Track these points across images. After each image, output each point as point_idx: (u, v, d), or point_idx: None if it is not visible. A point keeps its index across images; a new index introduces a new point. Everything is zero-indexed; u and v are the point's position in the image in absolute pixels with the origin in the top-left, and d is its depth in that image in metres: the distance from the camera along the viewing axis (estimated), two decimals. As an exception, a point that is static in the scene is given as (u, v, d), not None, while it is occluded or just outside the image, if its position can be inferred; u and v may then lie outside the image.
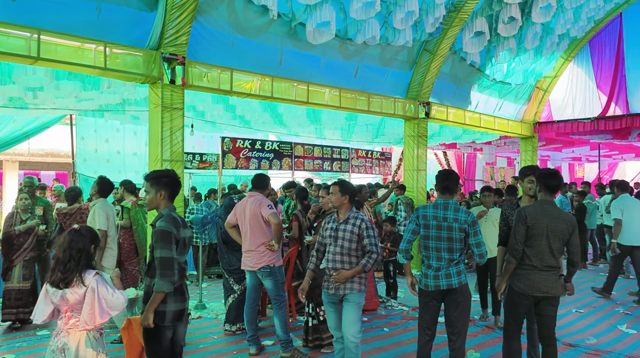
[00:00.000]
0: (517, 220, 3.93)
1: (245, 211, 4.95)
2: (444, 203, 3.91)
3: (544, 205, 3.94)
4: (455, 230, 3.84)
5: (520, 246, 3.89)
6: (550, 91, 12.77)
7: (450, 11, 8.73)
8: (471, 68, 10.42)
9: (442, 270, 3.85)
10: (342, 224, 4.03)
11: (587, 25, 10.97)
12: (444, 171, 4.14)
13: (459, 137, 13.78)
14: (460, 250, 3.91)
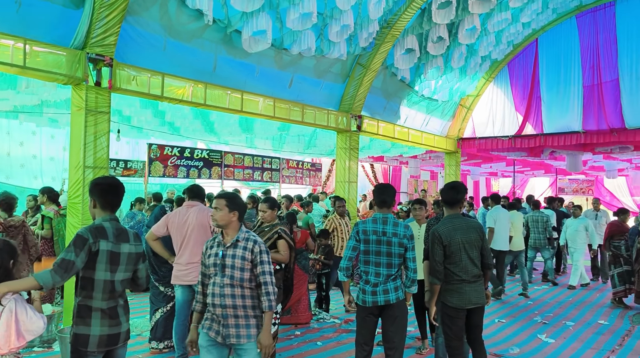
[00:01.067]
0: (432, 241, 3.97)
1: (187, 221, 4.68)
2: (383, 218, 3.90)
3: (452, 220, 4.03)
4: (395, 245, 3.82)
5: (440, 266, 3.94)
6: (473, 109, 13.41)
7: (383, 27, 8.94)
8: (401, 83, 10.72)
9: (380, 286, 3.82)
10: (231, 248, 3.17)
11: (506, 48, 11.64)
12: (381, 185, 4.15)
13: (388, 150, 14.12)
14: (399, 266, 3.89)
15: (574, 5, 11.01)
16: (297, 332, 6.24)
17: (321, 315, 6.98)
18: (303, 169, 15.59)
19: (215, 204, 3.21)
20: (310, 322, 6.68)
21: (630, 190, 22.04)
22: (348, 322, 6.71)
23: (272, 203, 4.69)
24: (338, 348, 5.70)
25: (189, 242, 4.65)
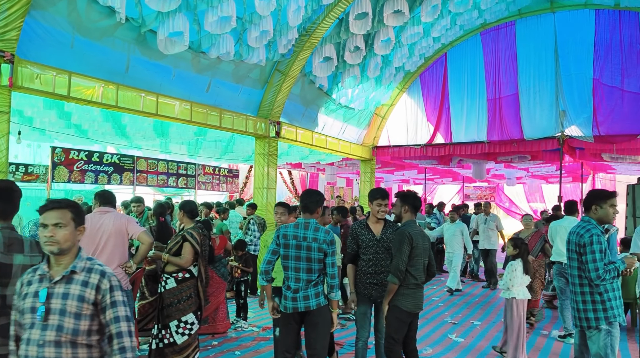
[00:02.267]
0: (402, 241, 4.01)
1: (102, 228, 4.40)
2: (305, 223, 3.89)
3: (416, 226, 4.19)
4: (314, 250, 3.81)
5: (404, 267, 4.00)
6: (387, 118, 13.87)
7: (302, 34, 9.02)
8: (319, 91, 10.86)
9: (301, 292, 3.81)
10: (61, 284, 2.22)
11: (419, 60, 12.18)
12: (306, 191, 4.19)
13: (306, 157, 14.22)
14: (319, 271, 3.88)
15: (479, 23, 11.73)
16: (215, 341, 6.08)
17: (239, 324, 6.85)
18: (220, 175, 15.30)
19: (57, 218, 2.23)
20: (228, 331, 6.54)
21: (527, 197, 23.77)
22: (266, 329, 6.64)
23: (184, 208, 4.72)
24: (257, 357, 5.62)
25: (104, 250, 4.39)
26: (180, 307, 4.61)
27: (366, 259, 4.52)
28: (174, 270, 4.68)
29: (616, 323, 3.74)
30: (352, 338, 4.74)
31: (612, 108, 11.08)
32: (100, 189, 5.41)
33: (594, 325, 3.73)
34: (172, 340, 4.60)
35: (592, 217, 3.86)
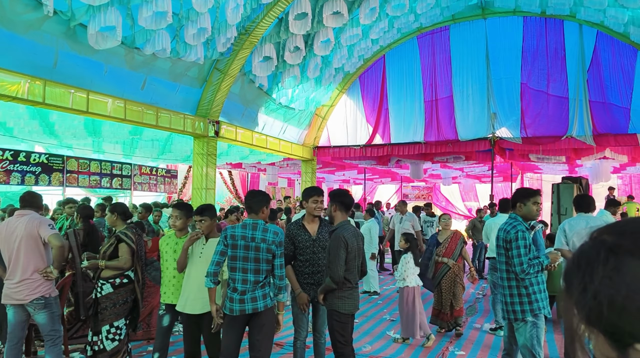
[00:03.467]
0: (338, 246, 3.96)
1: (15, 232, 4.14)
2: (253, 224, 3.85)
3: (350, 226, 4.14)
4: (263, 251, 3.78)
5: (342, 271, 3.97)
6: (328, 118, 13.98)
7: (241, 33, 8.93)
8: (259, 91, 10.80)
9: (248, 294, 3.76)
10: None
11: (358, 62, 12.36)
12: (250, 191, 4.15)
13: (246, 157, 14.10)
14: (267, 272, 3.86)
15: (415, 26, 12.05)
16: (150, 347, 5.90)
17: (176, 328, 6.68)
18: (157, 176, 14.87)
19: None
20: (165, 335, 6.35)
21: (462, 196, 24.67)
22: (205, 332, 6.52)
23: (117, 209, 4.62)
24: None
25: (19, 255, 4.13)
26: (115, 311, 4.44)
27: (303, 260, 4.51)
28: (110, 276, 4.47)
29: (541, 315, 3.93)
30: (291, 339, 4.73)
31: (539, 111, 11.70)
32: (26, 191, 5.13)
33: (520, 317, 3.91)
34: (102, 346, 4.42)
35: (517, 213, 4.04)
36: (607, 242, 0.75)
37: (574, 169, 15.69)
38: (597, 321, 0.73)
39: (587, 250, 0.78)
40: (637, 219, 0.78)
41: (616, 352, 0.73)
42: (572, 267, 0.79)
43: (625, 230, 0.76)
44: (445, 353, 5.92)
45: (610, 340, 0.73)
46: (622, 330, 0.71)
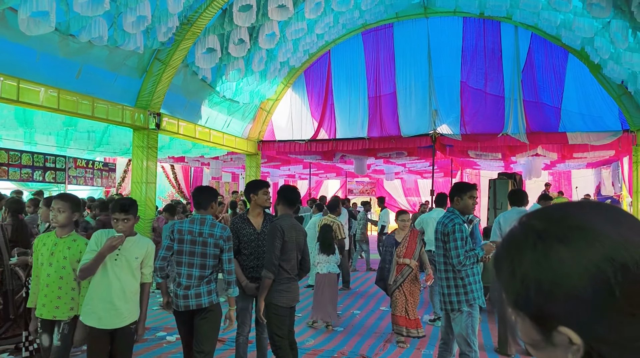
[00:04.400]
0: (274, 235, 4.01)
1: None
2: (201, 219, 3.88)
3: (290, 219, 4.21)
4: (210, 246, 3.82)
5: (277, 261, 4.02)
6: (272, 112, 13.89)
7: (183, 23, 8.69)
8: (203, 83, 10.56)
9: (192, 289, 3.77)
10: None
11: (303, 56, 12.32)
12: (198, 187, 4.19)
13: (189, 151, 13.79)
14: (213, 267, 3.88)
15: (360, 23, 12.16)
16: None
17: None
18: (94, 169, 14.31)
19: None
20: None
21: (404, 191, 25.22)
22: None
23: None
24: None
25: None
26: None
27: (247, 253, 4.51)
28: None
29: (476, 306, 4.08)
30: (234, 335, 4.68)
31: (477, 109, 12.11)
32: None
33: (456, 307, 4.05)
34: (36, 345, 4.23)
35: (455, 207, 4.18)
36: (535, 227, 0.77)
37: (509, 165, 16.38)
38: (524, 305, 0.76)
39: (516, 234, 0.79)
40: (565, 205, 0.81)
41: (541, 335, 0.75)
42: (501, 251, 0.81)
43: (554, 216, 0.78)
44: (385, 345, 6.04)
45: (536, 324, 0.76)
46: (547, 313, 0.73)
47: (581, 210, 0.77)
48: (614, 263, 0.69)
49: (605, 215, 0.75)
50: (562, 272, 0.71)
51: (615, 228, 0.72)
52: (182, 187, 20.91)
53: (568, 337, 0.71)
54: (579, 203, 0.80)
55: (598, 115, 11.17)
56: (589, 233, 0.72)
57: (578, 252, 0.71)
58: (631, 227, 0.74)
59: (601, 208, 0.77)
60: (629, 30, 8.39)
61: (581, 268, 0.70)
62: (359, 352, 5.71)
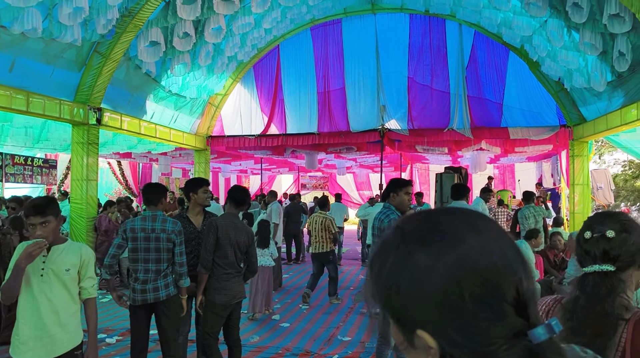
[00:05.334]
0: (208, 230, 4.12)
1: None
2: (152, 215, 3.98)
3: (231, 218, 4.25)
4: (163, 241, 3.95)
5: (210, 256, 4.08)
6: (221, 107, 13.69)
7: (124, 15, 8.42)
8: (147, 77, 10.28)
9: (150, 283, 3.90)
10: None
11: (251, 51, 12.18)
12: (147, 184, 4.27)
13: (134, 146, 13.42)
14: (168, 261, 4.00)
15: (308, 18, 12.12)
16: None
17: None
18: (33, 166, 13.72)
19: None
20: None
21: (356, 185, 25.48)
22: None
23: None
24: None
25: None
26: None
27: (187, 252, 4.44)
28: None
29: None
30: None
31: (424, 104, 12.35)
32: None
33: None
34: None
35: (391, 203, 4.24)
36: (403, 230, 0.78)
37: (456, 160, 16.79)
38: (387, 305, 0.77)
39: (387, 236, 0.80)
40: (437, 211, 0.82)
41: (403, 336, 0.77)
42: (375, 251, 0.82)
43: (422, 221, 0.79)
44: (331, 339, 6.09)
45: (398, 325, 0.77)
46: (406, 315, 0.74)
47: (450, 216, 0.78)
48: (466, 270, 0.70)
49: (471, 223, 0.76)
50: (418, 275, 0.72)
51: (477, 236, 0.74)
52: (130, 183, 20.37)
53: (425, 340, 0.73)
54: (451, 209, 0.81)
55: (537, 111, 11.61)
56: (449, 239, 0.73)
57: (435, 257, 0.72)
58: (493, 237, 0.75)
59: (469, 216, 0.78)
60: (564, 29, 8.73)
61: (436, 272, 0.71)
62: (303, 347, 5.74)
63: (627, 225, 1.44)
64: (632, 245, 1.40)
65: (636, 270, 1.42)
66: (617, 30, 7.46)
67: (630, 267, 1.41)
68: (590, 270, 1.40)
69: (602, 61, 8.52)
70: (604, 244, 1.41)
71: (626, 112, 8.36)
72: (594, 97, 9.71)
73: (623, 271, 1.40)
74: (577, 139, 10.91)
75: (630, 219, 1.48)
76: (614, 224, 1.43)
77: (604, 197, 14.56)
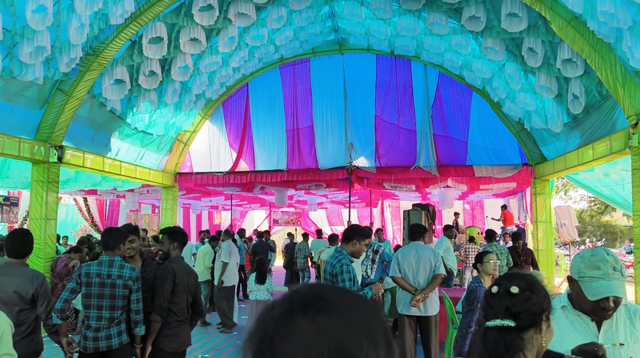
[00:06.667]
0: (165, 276, 4.00)
1: None
2: (109, 261, 3.87)
3: (181, 261, 4.19)
4: (119, 287, 3.83)
5: (167, 304, 3.98)
6: (190, 144, 13.64)
7: (88, 54, 8.41)
8: (112, 115, 10.21)
9: (102, 331, 3.77)
10: None
11: (220, 89, 12.26)
12: (107, 228, 4.13)
13: (99, 183, 13.20)
14: (123, 308, 3.88)
15: (276, 57, 12.31)
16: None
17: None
18: (-7, 204, 13.34)
19: None
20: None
21: (329, 221, 25.47)
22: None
23: None
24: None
25: None
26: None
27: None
28: None
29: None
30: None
31: (391, 142, 12.51)
32: None
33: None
34: None
35: (347, 248, 4.22)
36: (292, 296, 0.82)
37: (425, 196, 16.97)
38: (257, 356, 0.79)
39: (278, 300, 0.83)
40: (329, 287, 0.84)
41: None
42: (264, 313, 0.82)
43: (312, 292, 0.82)
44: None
45: None
46: None
47: (336, 293, 0.81)
48: (330, 348, 0.73)
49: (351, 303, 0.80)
50: (291, 336, 0.75)
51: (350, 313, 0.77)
52: (96, 220, 19.95)
53: None
54: (343, 290, 0.84)
55: (501, 149, 11.87)
56: (325, 315, 0.76)
57: (310, 324, 0.75)
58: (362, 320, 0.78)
59: (350, 297, 0.81)
60: (522, 72, 9.05)
61: (305, 337, 0.74)
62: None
63: (533, 285, 1.47)
64: (534, 305, 1.43)
65: (537, 333, 1.43)
66: (570, 74, 7.76)
67: (532, 327, 1.43)
68: (492, 324, 1.43)
69: (558, 103, 8.81)
70: (507, 300, 1.45)
71: (583, 152, 8.61)
72: (552, 137, 10.00)
73: (524, 331, 1.41)
74: (539, 177, 11.16)
75: (537, 281, 1.50)
76: (520, 282, 1.47)
77: (568, 233, 14.83)
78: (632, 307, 2.10)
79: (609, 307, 1.96)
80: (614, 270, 1.95)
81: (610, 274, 1.94)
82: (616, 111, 7.55)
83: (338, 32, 11.78)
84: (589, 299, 1.96)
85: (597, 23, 6.41)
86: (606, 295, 1.93)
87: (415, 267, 5.29)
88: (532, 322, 1.42)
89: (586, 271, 1.99)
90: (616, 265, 1.97)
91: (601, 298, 1.94)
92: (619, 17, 5.95)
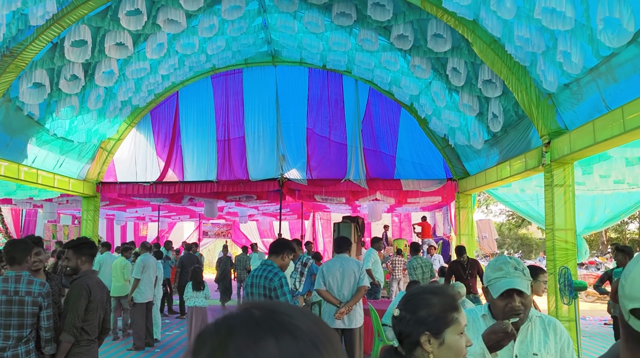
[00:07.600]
0: (79, 293, 3.77)
1: None
2: (16, 276, 3.63)
3: (94, 276, 4.02)
4: (28, 304, 3.61)
5: (80, 323, 3.75)
6: (114, 153, 13.08)
7: (5, 55, 7.88)
8: (29, 120, 9.60)
9: (9, 351, 3.54)
10: None
11: (148, 96, 11.87)
12: (10, 241, 3.88)
13: (13, 192, 12.36)
14: (32, 326, 3.66)
15: (208, 66, 12.12)
16: None
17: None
18: None
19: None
20: None
21: (260, 233, 25.25)
22: None
23: None
24: None
25: None
26: None
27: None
28: None
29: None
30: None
31: (322, 155, 12.63)
32: None
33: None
34: None
35: (277, 262, 4.19)
36: (242, 315, 0.78)
37: (356, 209, 17.24)
38: None
39: (231, 315, 0.78)
40: (285, 306, 0.81)
41: None
42: (211, 327, 0.78)
43: (267, 311, 0.78)
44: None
45: None
46: None
47: (289, 312, 0.78)
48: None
49: (303, 324, 0.76)
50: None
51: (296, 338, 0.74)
52: (11, 230, 18.65)
53: None
54: (299, 310, 0.81)
55: (427, 164, 12.31)
56: (273, 336, 0.73)
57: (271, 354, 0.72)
58: (308, 341, 0.75)
59: (305, 318, 0.78)
60: (447, 90, 9.45)
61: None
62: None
63: (408, 303, 1.48)
64: (406, 326, 1.44)
65: (425, 352, 1.43)
66: (490, 94, 8.20)
67: (417, 347, 1.43)
68: (388, 345, 1.45)
69: (479, 121, 9.27)
70: (395, 322, 1.46)
71: (501, 169, 9.09)
72: (474, 153, 10.49)
73: (410, 352, 1.42)
74: (462, 192, 11.66)
75: (415, 295, 1.51)
76: (401, 303, 1.48)
77: (489, 246, 15.55)
78: (547, 319, 2.21)
79: (516, 306, 2.03)
80: (515, 270, 2.06)
81: (512, 273, 2.05)
82: (531, 130, 8.05)
83: (271, 44, 11.79)
84: (497, 303, 2.05)
85: (514, 47, 6.82)
86: (505, 288, 2.01)
87: (339, 280, 5.32)
88: (412, 342, 1.43)
89: (491, 274, 2.09)
90: (518, 266, 2.08)
91: (508, 299, 2.02)
92: (534, 42, 6.37)
